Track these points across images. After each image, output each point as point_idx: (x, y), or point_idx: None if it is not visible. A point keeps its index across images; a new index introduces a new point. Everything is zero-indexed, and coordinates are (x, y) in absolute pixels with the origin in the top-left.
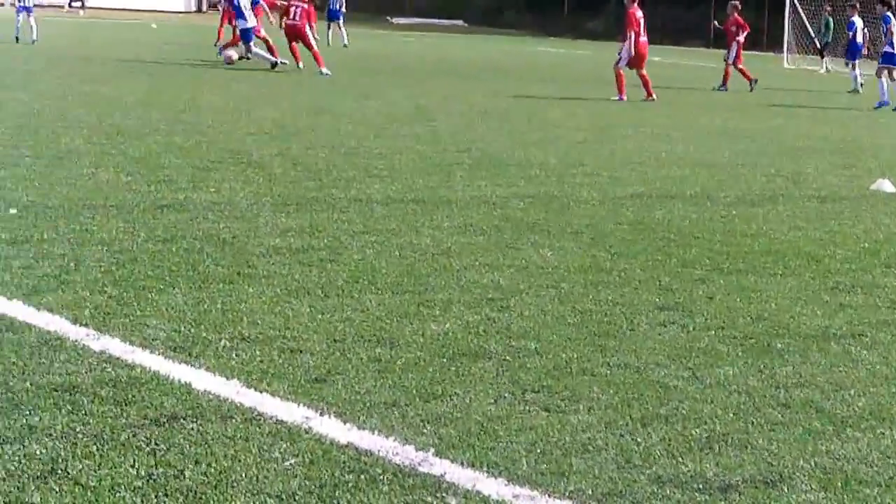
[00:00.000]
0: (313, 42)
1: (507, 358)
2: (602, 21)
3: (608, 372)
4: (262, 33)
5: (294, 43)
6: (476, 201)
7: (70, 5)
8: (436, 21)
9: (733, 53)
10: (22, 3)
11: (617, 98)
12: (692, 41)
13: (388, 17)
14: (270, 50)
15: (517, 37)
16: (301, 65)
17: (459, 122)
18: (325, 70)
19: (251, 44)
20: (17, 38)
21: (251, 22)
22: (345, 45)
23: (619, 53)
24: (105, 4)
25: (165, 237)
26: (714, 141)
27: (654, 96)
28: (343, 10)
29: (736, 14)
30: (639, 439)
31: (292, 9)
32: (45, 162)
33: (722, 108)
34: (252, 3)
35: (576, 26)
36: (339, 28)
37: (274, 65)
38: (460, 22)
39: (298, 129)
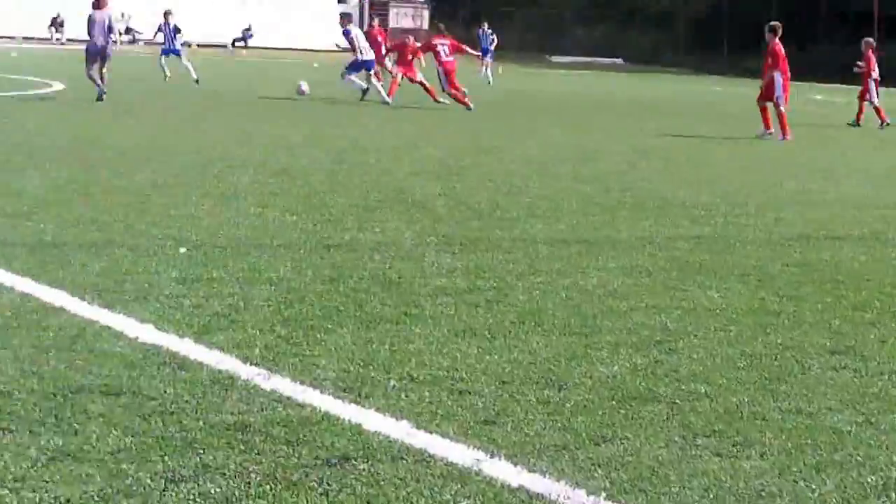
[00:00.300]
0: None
1: (677, 401)
2: (762, 59)
3: (780, 417)
4: (419, 77)
5: (454, 87)
6: (641, 242)
7: (233, 45)
8: (595, 59)
9: (874, 92)
10: (167, 46)
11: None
12: (854, 78)
13: (548, 56)
14: (429, 91)
15: (677, 75)
16: (472, 106)
17: (621, 161)
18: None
19: (351, 75)
20: (165, 77)
21: (367, 55)
22: (489, 83)
23: (774, 92)
24: (267, 44)
25: (332, 276)
26: (879, 180)
27: (773, 130)
28: (493, 47)
29: (870, 51)
30: (813, 486)
31: (439, 47)
32: (212, 201)
33: (885, 146)
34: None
35: (736, 64)
36: (487, 65)
37: (365, 91)
38: (619, 60)
39: (460, 168)
